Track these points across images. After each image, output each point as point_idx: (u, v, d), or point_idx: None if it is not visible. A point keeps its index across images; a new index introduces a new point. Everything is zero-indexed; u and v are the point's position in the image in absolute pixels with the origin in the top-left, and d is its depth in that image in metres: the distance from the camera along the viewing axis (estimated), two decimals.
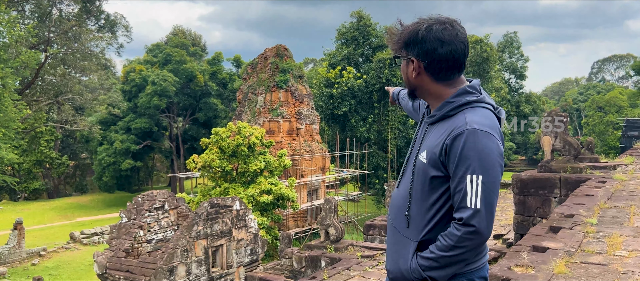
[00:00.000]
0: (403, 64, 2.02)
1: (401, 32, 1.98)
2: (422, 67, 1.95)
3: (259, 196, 21.34)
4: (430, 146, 1.94)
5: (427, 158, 1.93)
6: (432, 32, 1.90)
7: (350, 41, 40.64)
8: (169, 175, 50.27)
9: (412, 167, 2.02)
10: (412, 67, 1.98)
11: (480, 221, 1.80)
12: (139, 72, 45.14)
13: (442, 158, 1.88)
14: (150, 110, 44.12)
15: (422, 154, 1.97)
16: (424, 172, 1.94)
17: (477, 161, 1.80)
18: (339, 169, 36.00)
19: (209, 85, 49.99)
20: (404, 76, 2.04)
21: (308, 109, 31.64)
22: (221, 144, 21.99)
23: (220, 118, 50.57)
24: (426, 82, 1.99)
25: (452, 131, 1.87)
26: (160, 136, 50.01)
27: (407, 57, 1.98)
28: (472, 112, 1.90)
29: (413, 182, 1.99)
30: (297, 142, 30.32)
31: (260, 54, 33.52)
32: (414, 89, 2.05)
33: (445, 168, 1.89)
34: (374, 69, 37.45)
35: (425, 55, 1.92)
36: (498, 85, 44.89)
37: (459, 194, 1.83)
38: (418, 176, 1.97)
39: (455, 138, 1.84)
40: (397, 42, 2.00)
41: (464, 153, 1.82)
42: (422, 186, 1.95)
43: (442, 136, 1.90)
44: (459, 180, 1.83)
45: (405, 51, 1.98)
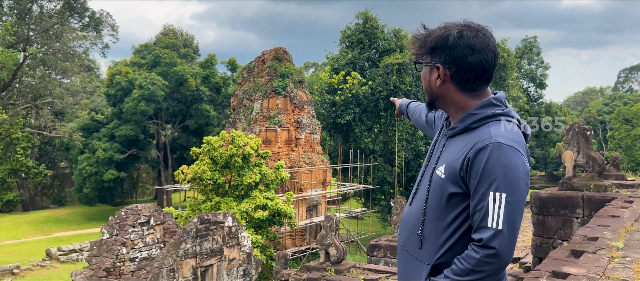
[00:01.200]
0: (425, 71, 2.03)
1: (427, 35, 2.00)
2: (448, 75, 1.97)
3: (253, 211, 21.30)
4: (449, 160, 1.94)
5: (446, 173, 1.93)
6: (463, 38, 1.92)
7: (356, 44, 40.78)
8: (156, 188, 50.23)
9: (427, 183, 2.02)
10: (436, 75, 1.99)
11: (502, 243, 1.78)
12: (125, 75, 45.30)
13: (462, 174, 1.88)
14: (137, 116, 44.21)
15: (439, 169, 1.97)
16: (442, 188, 1.94)
17: (502, 177, 1.80)
18: (341, 183, 35.92)
19: (201, 89, 50.14)
20: (424, 84, 2.05)
21: (308, 117, 31.66)
22: (213, 154, 21.98)
23: (212, 126, 50.64)
24: (450, 91, 2.00)
25: (475, 144, 1.87)
26: (147, 145, 50.05)
27: (431, 63, 1.99)
28: (497, 125, 1.91)
29: (428, 198, 1.99)
30: (295, 153, 30.32)
31: (257, 57, 33.61)
32: (435, 99, 2.06)
33: (465, 185, 1.88)
34: (381, 75, 37.55)
35: (454, 62, 1.94)
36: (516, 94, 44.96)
37: (479, 213, 1.82)
38: (434, 192, 1.97)
39: (479, 152, 1.84)
40: (422, 47, 2.01)
41: (488, 168, 1.81)
42: (439, 203, 1.94)
43: (464, 149, 1.90)
44: (481, 197, 1.82)
45: (430, 57, 1.99)
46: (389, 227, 36.44)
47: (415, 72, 37.06)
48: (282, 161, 24.92)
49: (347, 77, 38.02)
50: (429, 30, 2.01)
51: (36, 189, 51.35)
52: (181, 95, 49.59)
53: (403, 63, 36.52)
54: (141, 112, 43.74)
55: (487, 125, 1.92)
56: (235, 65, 56.78)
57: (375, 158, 37.77)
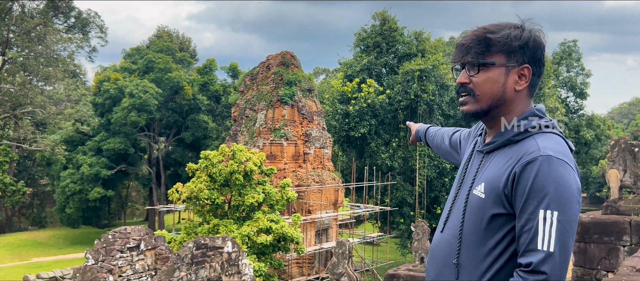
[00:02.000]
0: (494, 73, 1.99)
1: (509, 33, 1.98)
2: (531, 79, 2.00)
3: (255, 236, 21.27)
4: (490, 177, 1.94)
5: (487, 192, 1.92)
6: (539, 36, 1.99)
7: (372, 48, 40.89)
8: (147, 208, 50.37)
9: (462, 205, 2.01)
10: (516, 77, 1.98)
11: (553, 267, 1.76)
12: (114, 82, 45.71)
13: (507, 191, 1.87)
14: (127, 127, 44.52)
15: (477, 188, 1.97)
16: (482, 209, 1.93)
17: (553, 194, 1.79)
18: (355, 204, 35.81)
19: (198, 98, 50.46)
20: (491, 89, 2.00)
21: (318, 130, 31.69)
22: (211, 171, 22.04)
23: (211, 139, 50.86)
24: (522, 96, 2.02)
25: (521, 157, 1.87)
26: (138, 159, 50.32)
27: (511, 64, 1.98)
28: (544, 137, 1.92)
29: (464, 222, 1.98)
30: (304, 169, 30.32)
31: (262, 62, 33.79)
32: (498, 106, 2.02)
33: (510, 205, 1.88)
34: (400, 83, 37.59)
35: (538, 63, 1.99)
36: (553, 105, 44.74)
37: (527, 234, 1.81)
38: (472, 215, 1.96)
39: (526, 165, 1.84)
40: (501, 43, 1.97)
41: (537, 183, 1.80)
42: (478, 227, 1.94)
43: (508, 164, 1.90)
44: (529, 216, 1.81)
45: (507, 57, 1.97)
46: (409, 255, 36.20)
47: (438, 80, 37.08)
48: (289, 179, 24.91)
49: (362, 84, 38.09)
50: (491, 27, 2.00)
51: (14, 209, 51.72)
52: (176, 104, 49.91)
53: (425, 69, 36.54)
54: (131, 123, 44.06)
55: (533, 137, 1.93)
56: (236, 71, 57.12)
57: (394, 177, 37.66)
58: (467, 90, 2.03)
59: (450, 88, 37.73)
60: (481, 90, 2.00)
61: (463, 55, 2.04)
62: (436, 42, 43.13)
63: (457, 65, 2.09)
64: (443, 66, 37.52)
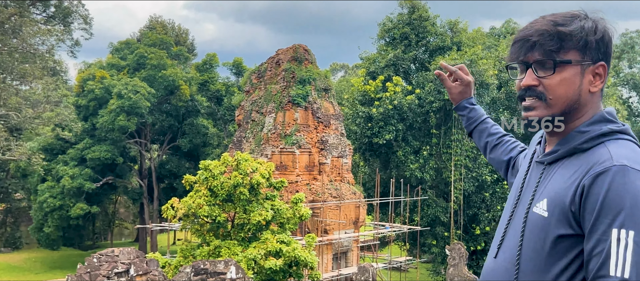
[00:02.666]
0: (569, 73, 1.97)
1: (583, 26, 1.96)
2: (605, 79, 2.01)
3: (263, 259, 21.25)
4: (553, 192, 1.92)
5: (550, 210, 1.90)
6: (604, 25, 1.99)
7: (399, 40, 40.83)
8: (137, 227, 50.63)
9: (520, 226, 2.00)
10: (590, 77, 1.98)
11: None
12: (100, 80, 46.07)
13: (574, 208, 1.84)
14: (114, 133, 44.82)
15: (539, 205, 1.94)
16: (545, 229, 1.90)
17: (629, 210, 1.75)
18: (379, 223, 35.68)
19: (197, 99, 50.69)
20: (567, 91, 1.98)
21: (336, 136, 31.66)
22: (212, 184, 22.08)
23: (211, 146, 51.05)
24: (596, 98, 2.02)
25: (591, 168, 1.85)
26: (127, 170, 50.61)
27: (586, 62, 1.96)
28: (617, 144, 1.90)
29: (523, 246, 1.96)
30: (319, 182, 30.28)
31: (270, 58, 33.88)
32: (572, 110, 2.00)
33: (577, 224, 1.85)
34: (432, 80, 37.47)
35: (609, 59, 2.01)
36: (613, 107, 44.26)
37: (597, 258, 1.77)
38: (533, 237, 1.94)
39: (597, 177, 1.81)
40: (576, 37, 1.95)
41: (609, 198, 1.77)
42: (540, 252, 1.91)
43: (575, 176, 1.88)
44: (600, 237, 1.77)
45: (582, 54, 1.96)
46: None
47: (477, 77, 36.89)
48: (302, 193, 24.89)
49: (388, 83, 38.02)
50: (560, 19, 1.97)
51: None
52: (172, 106, 50.15)
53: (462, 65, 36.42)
54: (120, 128, 44.34)
55: (604, 144, 1.91)
56: (241, 68, 57.33)
57: (425, 191, 37.50)
58: (537, 94, 1.98)
59: (490, 86, 37.53)
60: (555, 93, 1.97)
61: (527, 51, 1.99)
62: (474, 33, 42.97)
63: (514, 64, 2.05)
64: (482, 61, 37.33)
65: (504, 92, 38.86)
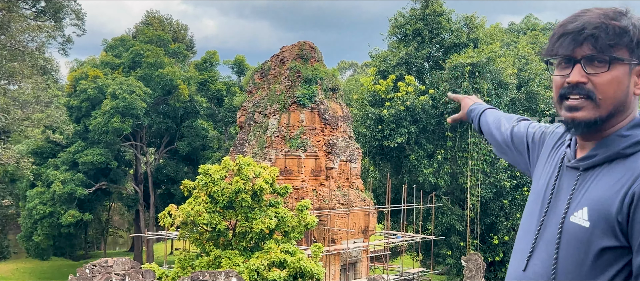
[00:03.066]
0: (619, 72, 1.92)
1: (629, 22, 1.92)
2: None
3: (266, 271, 21.26)
4: (595, 201, 1.88)
5: (592, 220, 1.86)
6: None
7: (411, 37, 40.80)
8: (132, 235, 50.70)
9: (554, 237, 1.97)
10: (635, 78, 1.94)
11: None
12: (93, 80, 46.20)
13: (621, 218, 1.81)
14: (108, 136, 44.90)
15: (577, 214, 1.91)
16: (587, 241, 1.87)
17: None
18: (390, 232, 35.63)
19: (196, 100, 50.77)
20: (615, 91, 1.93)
21: (344, 139, 31.65)
22: (212, 190, 22.11)
23: (211, 150, 51.11)
24: (635, 103, 1.98)
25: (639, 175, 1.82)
26: (121, 176, 50.71)
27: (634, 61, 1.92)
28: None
29: (559, 258, 1.93)
30: (326, 188, 30.28)
31: (274, 56, 33.92)
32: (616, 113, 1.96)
33: (623, 235, 1.82)
34: (447, 80, 37.43)
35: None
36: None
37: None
38: (572, 249, 1.91)
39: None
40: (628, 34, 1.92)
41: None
42: (581, 264, 1.88)
43: (621, 183, 1.84)
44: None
45: (630, 52, 1.91)
46: None
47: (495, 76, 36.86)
48: (308, 200, 24.90)
49: (399, 82, 37.99)
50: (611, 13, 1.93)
51: None
52: (169, 107, 50.25)
53: (478, 63, 36.34)
54: (114, 130, 44.43)
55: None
56: (243, 66, 57.45)
57: (439, 198, 37.44)
58: (585, 92, 1.92)
59: (509, 86, 37.47)
60: (605, 93, 1.92)
61: (576, 45, 1.93)
62: (492, 30, 42.91)
63: (559, 59, 1.99)
64: (501, 59, 37.27)
65: (524, 92, 38.80)
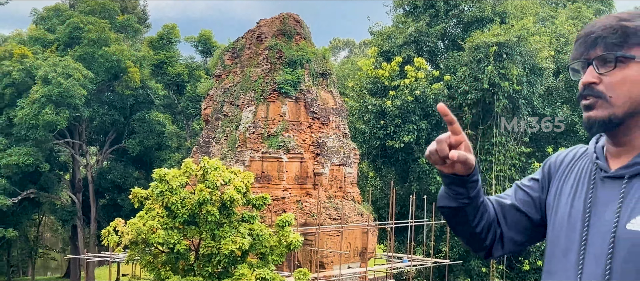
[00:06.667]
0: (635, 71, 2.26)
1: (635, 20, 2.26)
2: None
3: None
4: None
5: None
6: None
7: (422, 10, 40.93)
8: (68, 257, 50.51)
9: (606, 248, 2.23)
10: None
11: None
12: (20, 60, 46.00)
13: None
14: (38, 131, 44.71)
15: (634, 222, 2.19)
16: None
17: None
18: (395, 255, 35.68)
19: (150, 87, 50.63)
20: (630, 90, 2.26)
21: (337, 137, 31.69)
22: (170, 200, 22.09)
23: (169, 149, 50.95)
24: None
25: None
26: (55, 182, 50.52)
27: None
28: None
29: (612, 269, 2.19)
30: (314, 199, 30.30)
31: (249, 31, 33.88)
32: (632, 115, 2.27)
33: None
34: (467, 63, 37.53)
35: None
36: None
37: None
38: (631, 258, 2.18)
39: None
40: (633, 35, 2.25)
41: None
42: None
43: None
44: None
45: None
46: None
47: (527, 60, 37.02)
48: (291, 214, 24.93)
49: (407, 66, 38.07)
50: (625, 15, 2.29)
51: None
52: (116, 95, 50.08)
53: (506, 43, 36.46)
54: (46, 124, 44.25)
55: None
56: (209, 44, 57.29)
57: None
58: (596, 93, 2.26)
59: (545, 72, 37.63)
60: (617, 91, 2.25)
61: (588, 49, 2.29)
62: (524, 2, 43.08)
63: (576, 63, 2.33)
64: (534, 38, 37.42)
65: (562, 79, 39.02)
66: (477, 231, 2.57)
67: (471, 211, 2.53)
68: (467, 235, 2.60)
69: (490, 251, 2.60)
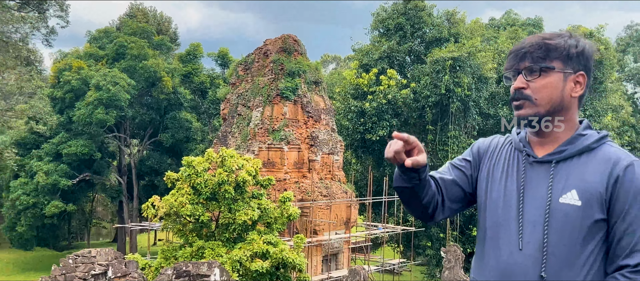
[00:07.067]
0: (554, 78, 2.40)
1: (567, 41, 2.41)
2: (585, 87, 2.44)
3: (249, 261, 21.27)
4: (583, 184, 2.32)
5: (584, 199, 2.29)
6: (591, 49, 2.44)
7: (393, 32, 40.86)
8: (116, 226, 50.49)
9: (541, 218, 2.34)
10: (572, 84, 2.41)
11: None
12: (77, 71, 45.86)
13: (606, 196, 2.28)
14: (92, 127, 44.65)
15: (567, 196, 2.32)
16: (580, 216, 2.29)
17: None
18: (372, 224, 35.74)
19: (180, 92, 50.56)
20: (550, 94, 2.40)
21: (327, 132, 31.68)
22: (195, 181, 22.06)
23: (195, 141, 50.93)
24: (575, 104, 2.45)
25: (616, 162, 2.30)
26: (105, 167, 50.45)
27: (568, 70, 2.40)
28: (613, 144, 2.39)
29: (549, 234, 2.32)
30: (309, 180, 30.30)
31: (258, 48, 33.83)
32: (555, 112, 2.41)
33: (606, 210, 2.28)
34: (428, 74, 37.54)
35: (588, 72, 2.44)
36: (617, 103, 44.50)
37: (630, 236, 2.23)
38: (565, 225, 2.30)
39: (627, 169, 2.27)
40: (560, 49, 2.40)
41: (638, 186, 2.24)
42: (575, 237, 2.29)
43: (602, 169, 2.31)
44: (634, 218, 2.23)
45: (564, 63, 2.40)
46: None
47: (475, 70, 37.05)
48: (290, 192, 24.92)
49: (382, 76, 38.06)
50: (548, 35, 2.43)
51: None
52: (153, 99, 50.00)
53: (459, 58, 36.47)
54: (98, 121, 44.16)
55: (606, 144, 2.39)
56: (227, 59, 57.22)
57: None
58: (524, 96, 2.42)
59: (489, 80, 37.64)
60: (540, 94, 2.40)
61: (519, 61, 2.44)
62: (473, 24, 43.09)
63: (508, 73, 2.48)
64: (481, 54, 37.43)
65: (503, 86, 38.98)
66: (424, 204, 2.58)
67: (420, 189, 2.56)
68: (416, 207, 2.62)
69: (432, 217, 2.64)
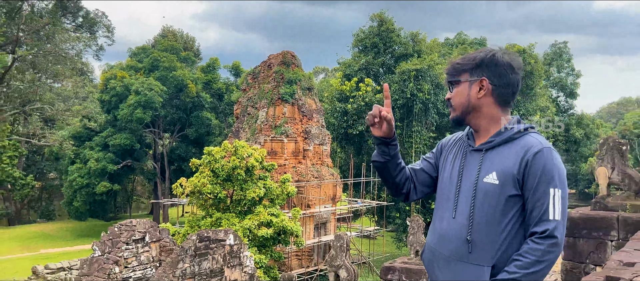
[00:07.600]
0: (462, 88, 2.48)
1: (473, 56, 2.47)
2: (490, 88, 2.44)
3: (256, 229, 21.30)
4: (501, 167, 2.35)
5: (501, 179, 2.33)
6: (506, 56, 2.45)
7: (370, 49, 40.86)
8: (152, 202, 50.38)
9: (470, 194, 2.40)
10: (477, 88, 2.45)
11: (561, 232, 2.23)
12: (121, 80, 45.66)
13: (519, 176, 2.30)
14: (132, 124, 44.48)
15: (488, 177, 2.36)
16: (497, 193, 2.33)
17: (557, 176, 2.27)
18: (353, 199, 35.84)
19: (201, 96, 50.41)
20: (460, 99, 2.48)
21: (317, 127, 31.69)
22: (214, 166, 22.04)
23: (214, 135, 50.81)
24: (488, 104, 2.46)
25: (529, 149, 2.31)
26: (143, 155, 50.30)
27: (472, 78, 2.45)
28: (536, 135, 2.40)
29: (475, 207, 2.36)
30: (303, 165, 30.32)
31: (263, 62, 33.77)
32: (469, 112, 2.48)
33: (520, 187, 2.31)
34: (397, 82, 37.56)
35: (497, 77, 2.44)
36: (544, 104, 44.69)
37: (539, 208, 2.26)
38: (487, 199, 2.34)
39: (536, 154, 2.29)
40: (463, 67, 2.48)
41: (547, 168, 2.26)
42: (494, 209, 2.33)
43: (517, 155, 2.33)
44: (542, 194, 2.26)
45: (470, 74, 2.46)
46: (404, 248, 36.26)
47: (433, 79, 37.12)
48: (289, 174, 24.93)
49: (360, 84, 38.06)
50: (471, 53, 2.49)
51: (23, 202, 51.69)
52: (181, 101, 49.86)
53: (421, 69, 36.53)
54: (137, 119, 44.01)
55: (529, 135, 2.39)
56: (239, 70, 57.05)
57: None
58: (449, 104, 2.54)
59: (444, 88, 37.70)
60: (455, 101, 2.52)
61: (447, 77, 2.56)
62: (432, 43, 43.11)
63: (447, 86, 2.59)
64: (438, 66, 37.47)
65: None
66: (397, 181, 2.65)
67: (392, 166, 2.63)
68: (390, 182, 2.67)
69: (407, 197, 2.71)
